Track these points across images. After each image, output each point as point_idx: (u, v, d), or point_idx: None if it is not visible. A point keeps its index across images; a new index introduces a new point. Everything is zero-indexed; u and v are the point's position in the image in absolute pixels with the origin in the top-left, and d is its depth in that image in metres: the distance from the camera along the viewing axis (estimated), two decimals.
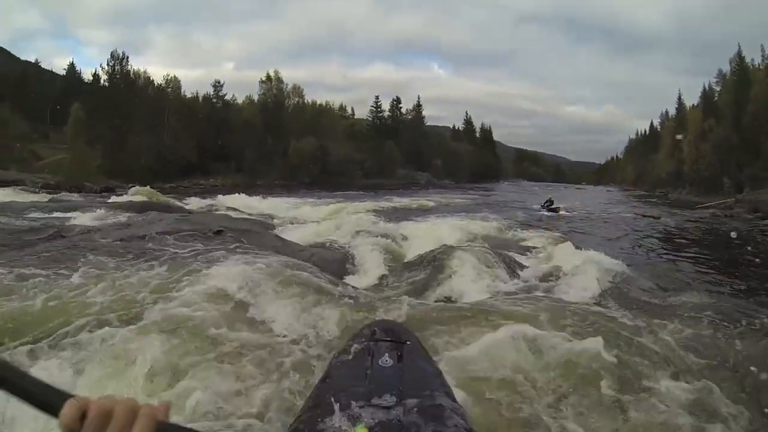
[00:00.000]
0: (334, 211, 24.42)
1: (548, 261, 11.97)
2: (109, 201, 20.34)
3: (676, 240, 20.76)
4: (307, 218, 21.01)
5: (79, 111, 53.89)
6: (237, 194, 28.45)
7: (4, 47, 78.60)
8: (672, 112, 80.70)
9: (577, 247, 13.21)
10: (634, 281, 9.96)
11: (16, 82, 61.56)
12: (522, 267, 10.52)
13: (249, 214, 20.73)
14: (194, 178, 56.62)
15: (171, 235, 9.59)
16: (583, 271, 9.71)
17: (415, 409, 2.08)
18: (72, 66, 72.44)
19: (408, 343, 2.79)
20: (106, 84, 60.44)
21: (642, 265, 11.83)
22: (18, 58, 75.17)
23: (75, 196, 25.80)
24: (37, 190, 28.67)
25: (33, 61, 74.14)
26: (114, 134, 54.41)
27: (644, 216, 31.20)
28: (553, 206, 30.78)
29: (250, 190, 33.36)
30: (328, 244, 13.18)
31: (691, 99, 73.54)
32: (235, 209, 22.49)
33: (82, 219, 12.59)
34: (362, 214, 22.34)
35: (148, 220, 11.88)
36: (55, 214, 14.44)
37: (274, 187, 50.64)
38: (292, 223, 17.64)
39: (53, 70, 74.83)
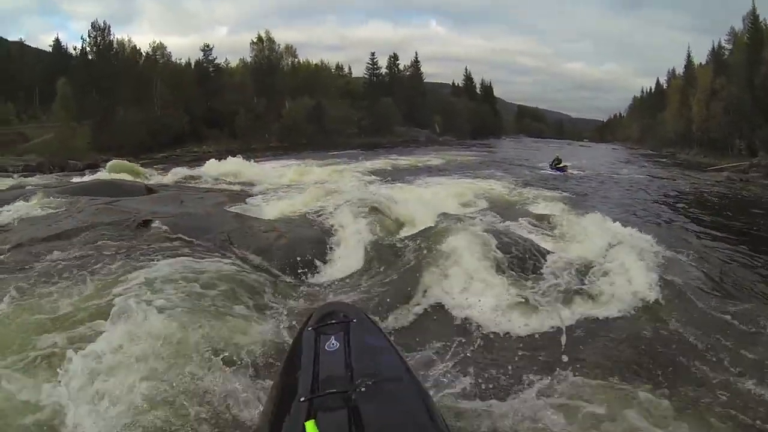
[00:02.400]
0: (327, 174, 22.81)
1: (571, 241, 10.00)
2: (71, 182, 18.51)
3: (699, 208, 18.92)
4: (295, 183, 19.52)
5: (66, 87, 52.46)
6: (226, 160, 26.21)
7: None
8: (679, 69, 76.88)
9: (593, 217, 11.41)
10: (679, 271, 7.90)
11: (1, 63, 59.31)
12: (541, 254, 8.10)
13: (229, 183, 19.54)
14: (187, 147, 55.11)
15: (81, 232, 7.86)
16: (619, 260, 7.56)
17: (366, 389, 2.15)
18: (57, 42, 69.39)
19: (354, 321, 2.82)
20: (92, 57, 58.05)
21: (676, 245, 9.85)
22: (3, 39, 72.64)
23: (45, 178, 23.62)
24: (13, 175, 26.50)
25: (18, 40, 71.17)
26: (102, 108, 52.77)
27: (657, 178, 30.09)
28: (560, 165, 29.56)
29: (244, 154, 31.60)
30: (309, 217, 11.22)
31: (698, 58, 70.23)
32: (216, 179, 20.88)
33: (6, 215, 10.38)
34: (356, 177, 21.12)
35: (74, 210, 9.79)
36: None
37: (269, 150, 50.81)
38: (275, 192, 15.56)
39: (39, 48, 72.38)
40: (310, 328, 2.82)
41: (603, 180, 27.27)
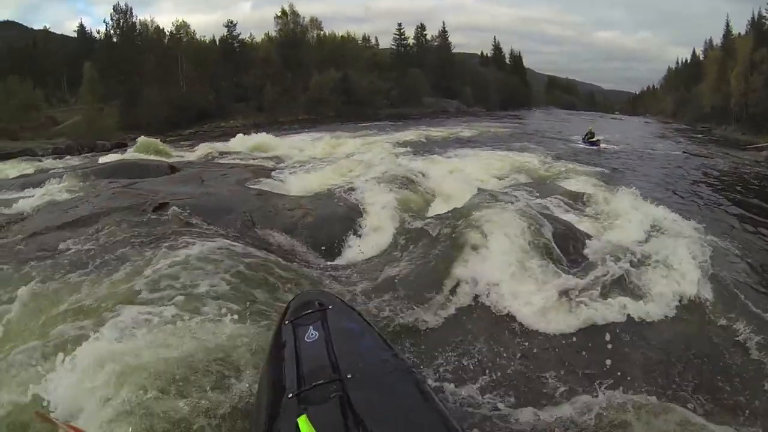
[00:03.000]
0: (356, 147, 22.33)
1: (610, 224, 9.37)
2: (97, 163, 17.87)
3: (739, 189, 17.69)
4: (323, 156, 18.86)
5: (92, 70, 52.60)
6: (253, 134, 25.84)
7: (15, 20, 76.98)
8: (717, 40, 72.97)
9: (633, 197, 10.80)
10: (725, 264, 7.28)
11: (27, 51, 60.48)
12: (581, 240, 7.51)
13: (255, 158, 19.05)
14: (214, 122, 54.71)
15: (96, 219, 7.27)
16: (663, 251, 6.87)
17: (352, 376, 2.17)
18: (82, 27, 69.85)
19: (330, 308, 2.80)
20: (115, 40, 58.10)
21: (718, 231, 9.17)
22: (29, 29, 73.88)
23: (73, 160, 23.74)
24: (42, 158, 26.41)
25: (44, 28, 72.24)
26: (128, 89, 52.72)
27: (693, 155, 28.70)
28: (593, 139, 28.69)
29: (271, 128, 31.33)
30: (336, 192, 10.51)
31: (737, 27, 66.04)
32: (243, 154, 20.40)
33: (18, 204, 9.86)
34: (385, 150, 20.49)
35: (92, 194, 9.14)
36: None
37: (296, 123, 50.67)
38: (303, 166, 14.94)
39: (64, 34, 74.07)
40: (287, 322, 2.80)
41: (638, 156, 26.24)
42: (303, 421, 1.80)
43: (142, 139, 25.12)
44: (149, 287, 4.63)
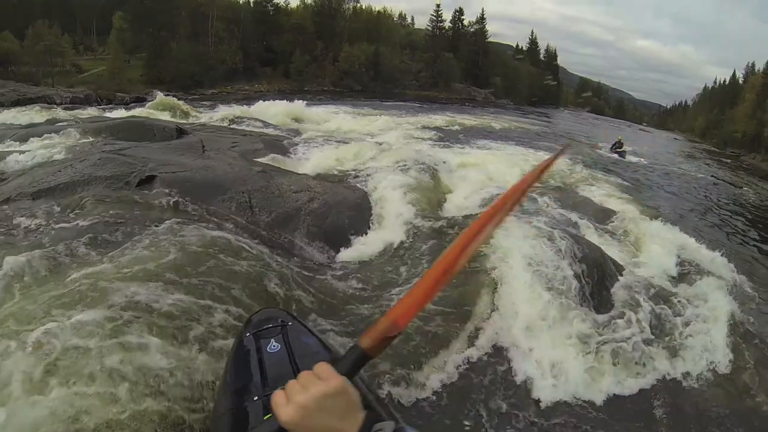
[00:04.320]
0: (379, 126, 21.88)
1: (640, 252, 8.80)
2: (104, 118, 17.23)
3: None
4: (344, 134, 18.00)
5: (122, 20, 52.95)
6: (275, 101, 25.21)
7: None
8: (760, 65, 71.80)
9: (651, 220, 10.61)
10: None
11: None
12: (612, 273, 6.58)
13: (273, 127, 18.41)
14: (239, 84, 54.64)
15: (72, 189, 6.46)
16: (703, 298, 6.23)
17: None
18: None
19: (290, 324, 2.86)
20: None
21: (755, 275, 9.02)
22: None
23: (87, 111, 23.39)
24: (57, 107, 25.72)
25: None
26: (156, 42, 52.58)
27: (722, 181, 28.42)
28: (621, 149, 28.21)
29: (296, 95, 30.67)
30: (351, 175, 9.93)
31: None
32: (262, 122, 19.53)
33: (7, 161, 9.14)
34: (409, 133, 19.92)
35: (80, 158, 8.13)
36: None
37: (322, 93, 50.17)
38: (320, 142, 14.09)
39: None
40: (248, 334, 2.84)
41: (665, 173, 25.77)
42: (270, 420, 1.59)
43: (159, 96, 24.43)
44: (98, 293, 3.78)
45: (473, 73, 79.58)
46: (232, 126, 17.49)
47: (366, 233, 7.29)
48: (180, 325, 3.66)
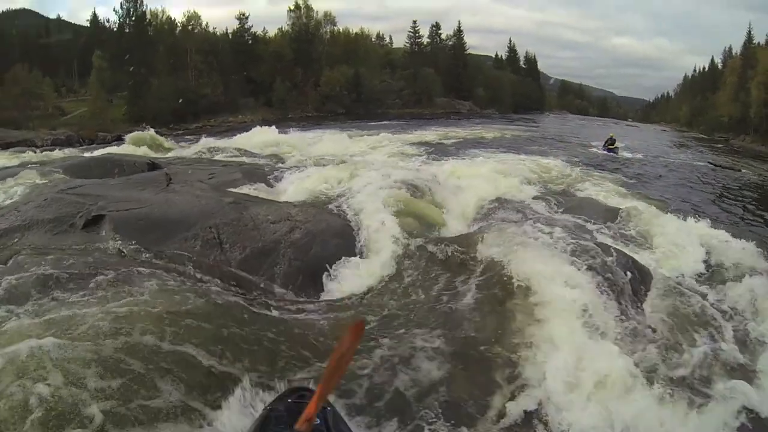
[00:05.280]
0: (364, 147, 21.28)
1: (662, 251, 8.02)
2: (74, 157, 16.74)
3: None
4: (327, 157, 17.05)
5: (101, 60, 52.50)
6: (256, 130, 24.97)
7: (32, 8, 76.37)
8: (736, 49, 72.05)
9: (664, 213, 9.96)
10: None
11: (39, 40, 60.77)
12: (643, 279, 5.89)
13: (254, 156, 17.63)
14: (222, 116, 53.93)
15: (10, 235, 5.72)
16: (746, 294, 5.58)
17: None
18: (95, 16, 67.38)
19: (329, 409, 2.83)
20: (127, 30, 56.51)
21: None
22: (43, 16, 73.34)
23: (64, 152, 22.39)
24: (37, 149, 25.29)
25: (57, 17, 72.17)
26: (136, 80, 51.67)
27: (719, 167, 27.73)
28: (614, 146, 28.19)
29: (280, 123, 30.23)
30: (335, 200, 9.00)
31: (758, 37, 65.36)
32: (241, 151, 18.83)
33: None
34: (395, 151, 19.39)
35: (29, 198, 7.48)
36: None
37: (305, 120, 49.82)
38: (303, 167, 13.26)
39: (78, 23, 72.86)
40: (290, 400, 2.87)
41: (662, 165, 25.61)
42: None
43: (133, 134, 24.07)
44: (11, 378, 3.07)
45: (455, 86, 79.33)
46: (210, 157, 16.80)
47: (355, 263, 6.49)
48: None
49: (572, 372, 4.18)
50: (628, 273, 5.58)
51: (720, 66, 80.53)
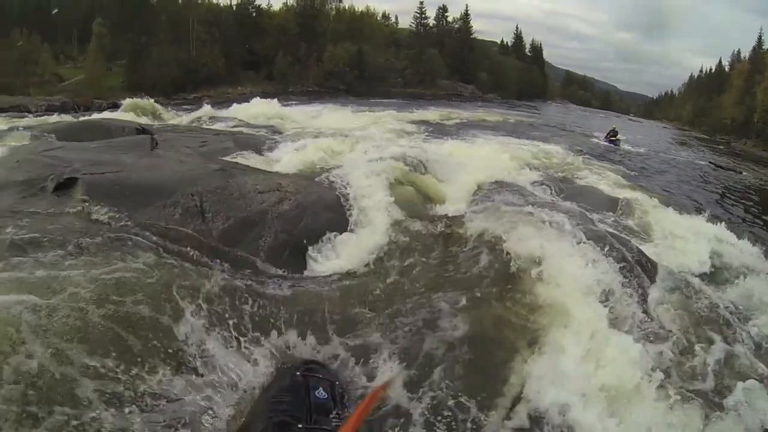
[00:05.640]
0: (362, 122, 21.13)
1: (668, 244, 7.87)
2: (61, 122, 16.00)
3: None
4: (325, 130, 16.67)
5: (101, 27, 51.98)
6: (256, 101, 24.57)
7: None
8: (745, 53, 72.13)
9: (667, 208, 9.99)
10: None
11: (40, 5, 59.11)
12: (653, 270, 5.67)
13: (250, 126, 17.20)
14: (222, 88, 53.20)
15: None
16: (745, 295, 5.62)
17: None
18: None
19: (337, 383, 3.12)
20: None
21: None
22: None
23: (56, 118, 21.64)
24: (30, 114, 24.94)
25: None
26: (136, 48, 51.47)
27: (720, 167, 28.07)
28: (615, 138, 28.36)
29: (280, 97, 29.83)
30: (329, 172, 8.24)
31: (767, 43, 65.37)
32: (237, 121, 18.50)
33: None
34: (394, 128, 18.99)
35: (10, 157, 7.02)
36: None
37: (306, 94, 49.64)
38: (300, 139, 12.82)
39: None
40: (298, 373, 3.02)
41: (664, 161, 25.87)
42: None
43: (129, 101, 23.77)
44: None
45: (459, 69, 78.73)
46: (205, 126, 16.42)
47: (347, 238, 6.13)
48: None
49: (584, 369, 3.87)
50: (638, 264, 5.25)
51: (727, 68, 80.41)
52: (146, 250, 4.23)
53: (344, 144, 11.14)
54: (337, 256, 5.79)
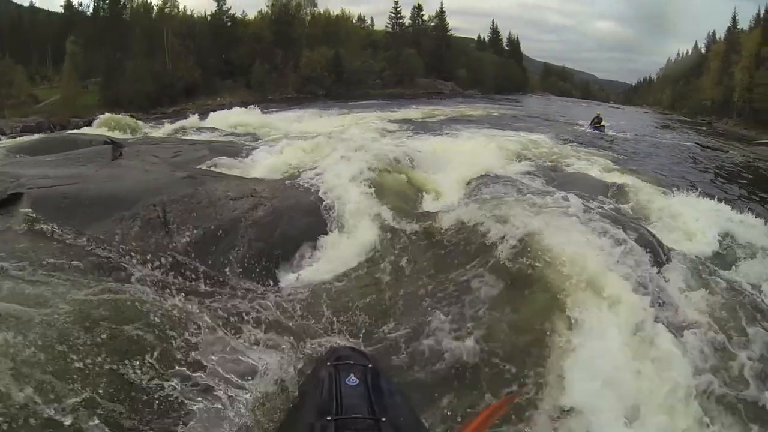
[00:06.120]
0: (342, 124, 21.21)
1: (675, 228, 7.47)
2: (26, 140, 15.02)
3: None
4: (304, 134, 16.17)
5: (74, 45, 51.76)
6: (234, 109, 24.69)
7: None
8: (720, 34, 72.36)
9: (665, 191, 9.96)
10: None
11: (11, 26, 58.36)
12: (656, 248, 5.14)
13: (227, 135, 16.94)
14: (200, 100, 52.80)
15: None
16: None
17: (385, 420, 2.27)
18: (69, 2, 64.29)
19: (370, 366, 2.83)
20: (104, 13, 55.86)
21: None
22: (17, 4, 70.83)
23: (27, 137, 21.43)
24: (2, 137, 24.22)
25: (27, 4, 69.23)
26: (110, 64, 50.93)
27: (707, 147, 28.13)
28: (600, 124, 28.11)
29: (259, 106, 29.60)
30: (305, 178, 7.62)
31: (741, 23, 65.64)
32: (215, 131, 18.20)
33: None
34: (374, 127, 18.92)
35: None
36: None
37: (285, 101, 48.89)
38: (278, 144, 12.31)
39: (50, 9, 70.25)
40: (329, 363, 2.82)
41: (650, 144, 25.93)
42: None
43: (103, 117, 22.80)
44: None
45: (437, 67, 78.65)
46: (181, 137, 16.03)
47: (329, 243, 5.67)
48: None
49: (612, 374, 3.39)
50: (648, 247, 4.81)
51: (704, 51, 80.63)
52: (93, 269, 3.70)
53: (324, 146, 10.61)
54: (317, 263, 5.33)
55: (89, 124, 28.31)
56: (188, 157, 9.47)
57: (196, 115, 24.27)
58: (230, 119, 21.62)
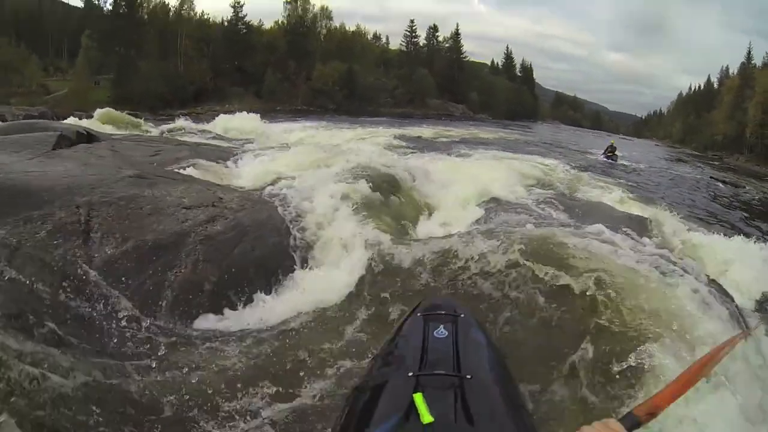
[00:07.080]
0: (345, 138, 20.07)
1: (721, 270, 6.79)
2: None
3: None
4: (305, 143, 15.92)
5: (89, 39, 51.86)
6: (236, 115, 25.68)
7: None
8: (733, 68, 73.07)
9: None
10: None
11: (29, 17, 58.32)
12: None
13: (222, 139, 16.43)
14: (209, 104, 52.63)
15: None
16: None
17: (471, 378, 2.09)
18: None
19: (462, 316, 2.70)
20: (123, 11, 55.39)
21: None
22: None
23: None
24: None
25: None
26: (123, 62, 51.17)
27: (722, 182, 27.41)
28: (613, 154, 27.93)
29: (266, 115, 29.21)
30: (288, 189, 6.44)
31: (755, 59, 66.61)
32: (212, 134, 17.81)
33: None
34: (380, 142, 18.29)
35: None
36: None
37: (294, 113, 48.15)
38: (269, 151, 11.22)
39: (69, 3, 70.41)
40: (419, 314, 2.68)
41: (665, 176, 25.42)
42: (419, 398, 1.75)
43: (101, 111, 23.21)
44: None
45: (449, 89, 78.64)
46: (170, 136, 15.49)
47: (299, 270, 4.61)
48: None
49: None
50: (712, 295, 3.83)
51: (716, 85, 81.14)
52: None
53: (321, 159, 9.59)
54: (280, 297, 4.27)
55: (90, 118, 28.04)
56: (166, 157, 8.51)
57: (202, 121, 23.80)
58: (230, 123, 21.54)
